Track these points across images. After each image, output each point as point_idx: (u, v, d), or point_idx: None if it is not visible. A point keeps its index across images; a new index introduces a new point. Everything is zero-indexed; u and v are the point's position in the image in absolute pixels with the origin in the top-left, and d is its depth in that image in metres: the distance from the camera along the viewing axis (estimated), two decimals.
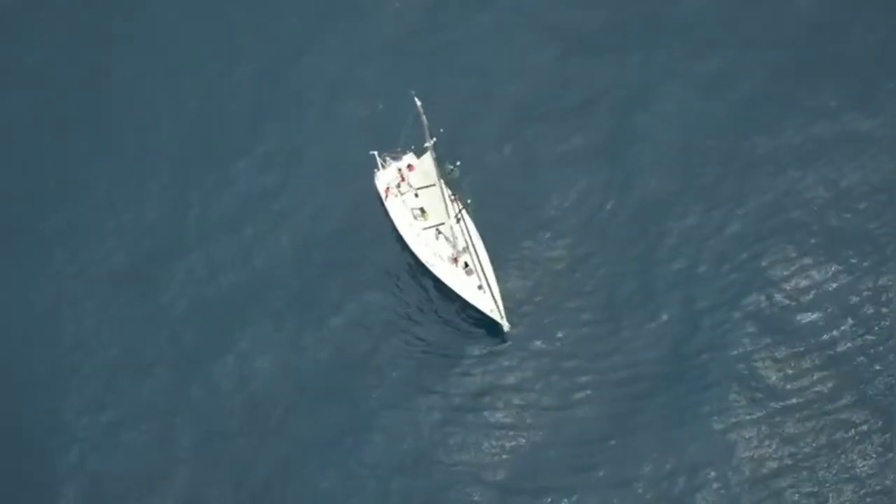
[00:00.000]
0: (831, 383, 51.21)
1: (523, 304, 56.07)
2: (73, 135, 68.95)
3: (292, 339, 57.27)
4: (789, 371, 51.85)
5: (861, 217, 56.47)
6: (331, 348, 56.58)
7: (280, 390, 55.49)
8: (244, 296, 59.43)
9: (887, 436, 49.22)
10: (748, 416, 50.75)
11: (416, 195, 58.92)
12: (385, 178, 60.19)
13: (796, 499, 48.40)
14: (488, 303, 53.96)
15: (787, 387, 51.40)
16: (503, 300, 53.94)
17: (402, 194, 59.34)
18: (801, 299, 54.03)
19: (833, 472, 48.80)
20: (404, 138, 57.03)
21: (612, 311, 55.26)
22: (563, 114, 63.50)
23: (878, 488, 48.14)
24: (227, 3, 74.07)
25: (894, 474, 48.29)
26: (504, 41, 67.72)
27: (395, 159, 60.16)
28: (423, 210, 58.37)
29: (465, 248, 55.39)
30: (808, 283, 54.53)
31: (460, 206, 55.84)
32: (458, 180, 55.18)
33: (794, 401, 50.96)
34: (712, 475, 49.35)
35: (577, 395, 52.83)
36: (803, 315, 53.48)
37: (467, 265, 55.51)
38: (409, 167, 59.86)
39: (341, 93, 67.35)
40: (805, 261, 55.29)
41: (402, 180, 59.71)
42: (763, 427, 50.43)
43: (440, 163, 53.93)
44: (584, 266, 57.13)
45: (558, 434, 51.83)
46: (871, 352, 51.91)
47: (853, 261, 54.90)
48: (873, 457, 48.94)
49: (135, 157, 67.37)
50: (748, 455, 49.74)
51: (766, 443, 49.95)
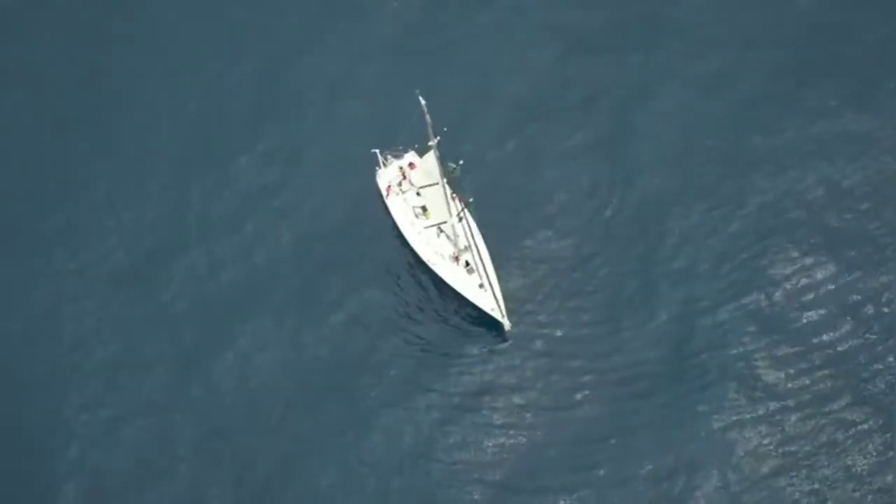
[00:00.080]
0: (831, 382, 51.23)
1: (524, 303, 56.04)
2: (73, 135, 68.92)
3: (292, 337, 57.24)
4: (789, 370, 51.89)
5: (861, 217, 56.53)
6: (331, 346, 56.57)
7: (280, 388, 55.49)
8: (244, 294, 59.42)
9: (888, 435, 49.25)
10: (748, 416, 50.75)
11: (418, 194, 58.93)
12: (386, 176, 60.18)
13: (796, 498, 48.42)
14: (489, 301, 53.95)
15: (787, 386, 51.43)
16: (504, 299, 53.93)
17: (403, 192, 59.35)
18: (801, 299, 54.06)
19: (833, 471, 48.81)
20: (406, 137, 57.06)
21: (613, 311, 55.27)
22: (564, 113, 63.61)
23: (878, 487, 48.17)
24: (227, 3, 74.12)
25: (894, 473, 48.27)
26: (504, 40, 67.80)
27: (397, 157, 60.19)
28: (424, 208, 58.34)
29: (467, 247, 55.42)
30: (808, 282, 54.58)
31: (462, 204, 55.92)
32: (460, 179, 55.19)
33: (793, 400, 50.99)
34: (712, 474, 49.34)
35: (578, 395, 52.81)
36: (803, 314, 53.52)
37: (468, 264, 55.49)
38: (411, 165, 59.83)
39: (341, 92, 67.38)
40: (805, 260, 55.34)
41: (404, 178, 59.69)
42: (763, 426, 50.43)
43: (443, 162, 53.96)
44: (585, 265, 57.15)
45: (558, 433, 51.82)
46: (870, 351, 51.96)
47: (853, 260, 54.97)
48: (873, 456, 48.94)
49: (135, 157, 67.33)
50: (748, 454, 49.74)
51: (766, 442, 49.95)
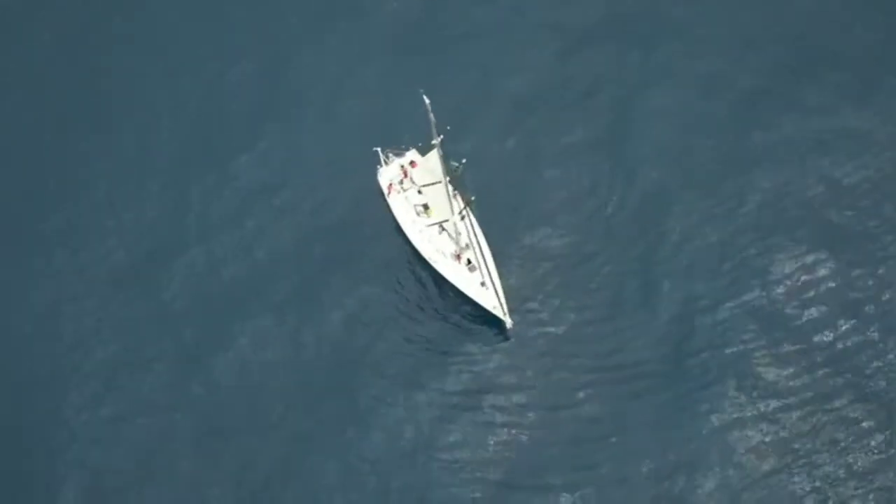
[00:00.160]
0: (831, 380, 51.26)
1: (525, 301, 56.07)
2: (73, 135, 68.95)
3: (293, 335, 57.28)
4: (789, 368, 51.92)
5: (861, 214, 56.61)
6: (331, 344, 56.58)
7: (280, 386, 55.54)
8: (244, 292, 59.49)
9: (888, 432, 49.31)
10: (749, 413, 50.81)
11: (420, 192, 59.00)
12: (388, 174, 60.29)
13: (797, 495, 48.46)
14: (491, 299, 54.00)
15: (788, 384, 51.46)
16: (505, 297, 53.94)
17: (404, 190, 59.43)
18: (801, 297, 54.09)
19: (834, 468, 48.84)
20: (407, 135, 57.07)
21: (614, 309, 55.34)
22: (564, 111, 63.73)
23: (879, 485, 48.20)
24: (227, 3, 74.16)
25: (895, 471, 48.14)
26: (504, 39, 67.90)
27: (398, 156, 60.29)
28: (426, 206, 58.44)
29: (468, 245, 55.49)
30: (808, 280, 54.63)
31: (464, 203, 56.01)
32: (462, 177, 55.21)
33: (794, 398, 51.03)
34: (713, 472, 49.41)
35: (579, 393, 52.86)
36: (803, 312, 53.56)
37: (470, 262, 55.56)
38: (412, 163, 59.92)
39: (342, 91, 67.53)
40: (806, 258, 55.38)
41: (405, 177, 59.79)
42: (763, 424, 50.46)
43: (445, 160, 54.03)
44: (586, 263, 57.21)
45: (559, 431, 51.87)
46: (871, 349, 52.03)
47: (853, 258, 55.03)
48: (874, 453, 48.99)
49: (135, 156, 67.40)
50: (749, 452, 49.78)
51: (767, 440, 49.98)
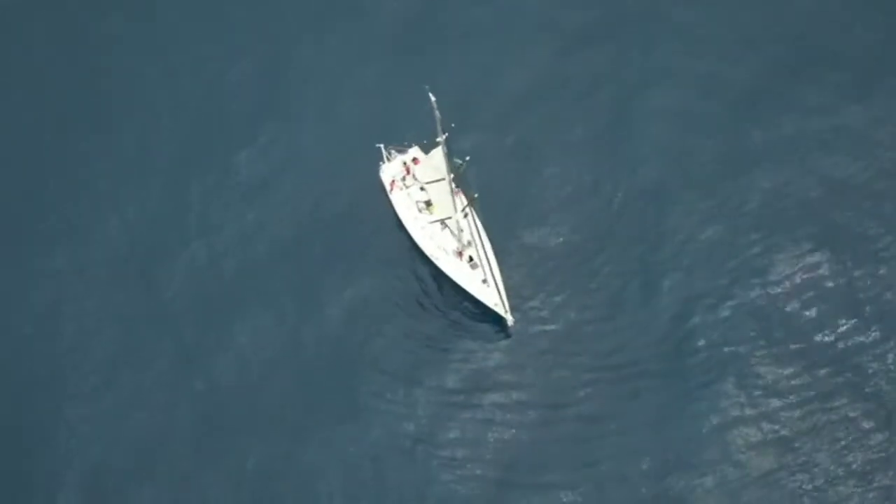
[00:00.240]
0: (831, 380, 51.22)
1: (527, 299, 56.08)
2: (73, 135, 68.98)
3: (293, 331, 57.31)
4: (789, 368, 51.89)
5: (862, 215, 56.66)
6: (332, 340, 56.56)
7: (280, 382, 55.53)
8: (244, 289, 59.53)
9: (888, 432, 49.22)
10: (748, 412, 50.78)
11: (422, 188, 59.10)
12: (390, 171, 60.39)
13: (797, 494, 48.36)
14: (493, 297, 54.05)
15: (787, 383, 51.44)
16: (506, 294, 54.00)
17: (407, 187, 59.54)
18: (801, 296, 54.10)
19: (833, 468, 48.75)
20: (407, 132, 57.21)
21: (614, 308, 55.34)
22: (564, 109, 63.97)
23: (878, 484, 48.10)
24: (227, 3, 74.20)
25: (894, 471, 48.12)
26: (504, 37, 68.07)
27: (401, 152, 60.44)
28: (428, 203, 58.55)
29: (470, 242, 55.61)
30: (808, 279, 54.65)
31: (467, 200, 56.06)
32: (466, 175, 55.21)
33: (793, 397, 51.00)
34: (712, 471, 49.32)
35: (578, 391, 52.82)
36: (803, 312, 53.57)
37: (472, 259, 55.65)
38: (415, 160, 60.08)
39: (342, 88, 67.73)
40: (806, 257, 55.41)
41: (408, 173, 59.92)
42: (763, 423, 50.43)
43: (449, 157, 54.13)
44: (586, 261, 57.26)
45: (558, 429, 51.82)
46: (871, 348, 51.99)
47: (853, 257, 55.07)
48: (874, 453, 48.90)
49: (135, 156, 67.47)
50: (748, 451, 49.70)
51: (766, 439, 49.94)
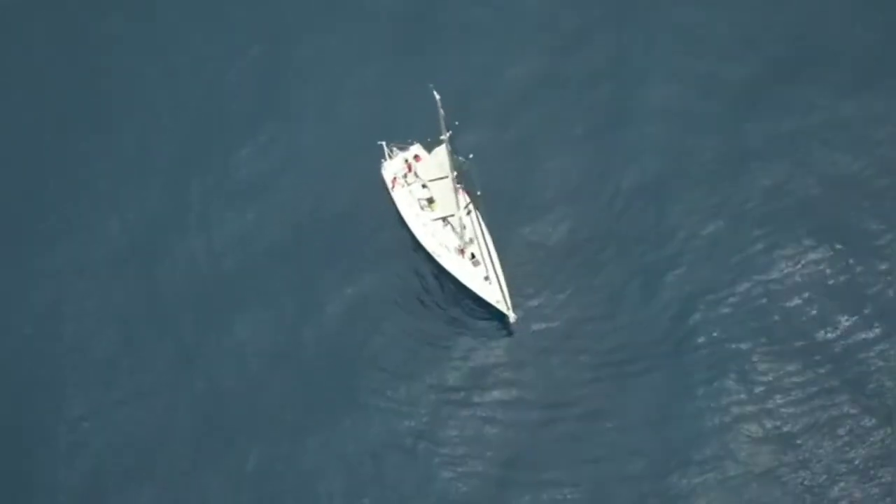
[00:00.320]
0: (832, 377, 51.36)
1: (527, 296, 56.08)
2: (73, 135, 68.85)
3: (294, 329, 57.34)
4: (790, 365, 52.02)
5: (863, 213, 56.88)
6: (331, 338, 56.59)
7: (280, 379, 55.56)
8: (245, 287, 59.56)
9: (888, 429, 49.31)
10: (749, 410, 50.90)
11: (424, 186, 59.21)
12: (392, 168, 60.51)
13: (797, 492, 48.47)
14: (495, 294, 54.13)
15: (789, 380, 51.55)
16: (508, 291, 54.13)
17: (408, 185, 59.63)
18: (802, 293, 54.28)
19: (834, 465, 48.85)
20: (409, 129, 57.22)
21: (616, 305, 55.50)
22: (564, 106, 64.18)
23: (879, 481, 48.21)
24: (227, 3, 74.23)
25: (894, 468, 48.08)
26: (503, 34, 68.20)
27: (403, 150, 60.60)
28: (430, 200, 58.69)
29: (472, 239, 55.72)
30: (809, 276, 54.88)
31: (469, 198, 56.17)
32: (469, 172, 55.27)
33: (794, 394, 51.11)
34: (713, 468, 49.41)
35: (579, 389, 52.95)
36: (804, 309, 53.72)
37: (474, 256, 55.78)
38: (416, 157, 60.25)
39: (342, 87, 67.78)
40: (807, 255, 55.63)
41: (409, 171, 60.04)
42: (764, 420, 50.54)
43: (453, 155, 54.19)
44: (588, 259, 57.42)
45: (559, 427, 51.90)
46: (872, 345, 52.12)
47: (855, 255, 55.26)
48: (875, 450, 49.02)
49: (135, 156, 67.33)
50: (749, 448, 49.81)
51: (767, 436, 50.05)
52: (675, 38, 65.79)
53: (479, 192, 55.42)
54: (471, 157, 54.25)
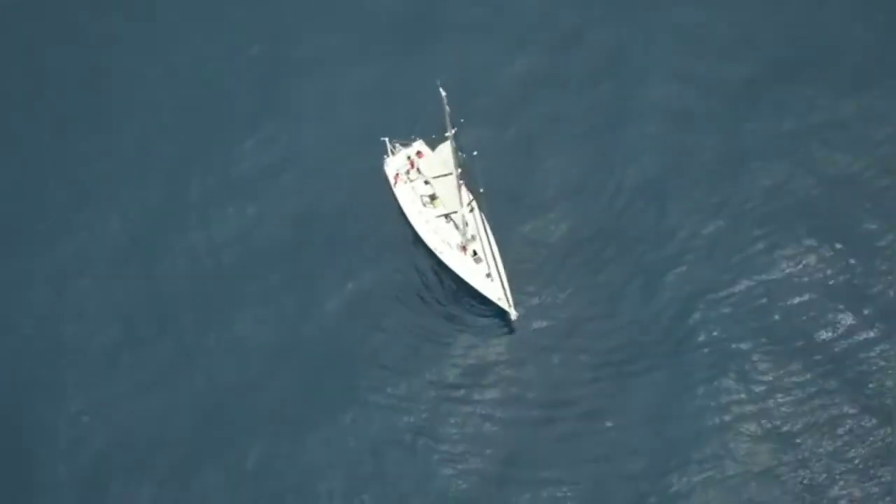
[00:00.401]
0: (832, 377, 51.17)
1: (528, 294, 56.02)
2: (73, 135, 68.85)
3: (294, 325, 57.11)
4: (790, 364, 51.82)
5: (863, 212, 56.80)
6: (331, 332, 56.40)
7: (280, 376, 55.27)
8: (245, 284, 59.28)
9: (888, 429, 49.16)
10: (748, 409, 50.66)
11: (426, 182, 59.27)
12: (394, 164, 60.55)
13: (797, 491, 48.19)
14: (496, 291, 54.09)
15: (788, 380, 51.35)
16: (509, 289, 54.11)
17: (411, 181, 59.66)
18: (802, 293, 54.14)
19: (834, 465, 48.61)
20: (409, 126, 57.24)
21: (617, 304, 55.36)
22: (565, 106, 64.22)
23: (878, 480, 48.00)
24: (228, 3, 74.29)
25: (894, 466, 48.04)
26: (503, 33, 68.21)
27: (405, 146, 60.65)
28: (432, 197, 58.74)
29: (474, 236, 55.80)
30: (808, 276, 54.75)
31: (472, 195, 56.20)
32: (472, 170, 55.28)
33: (794, 394, 50.92)
34: (711, 467, 49.12)
35: (580, 388, 52.72)
36: (804, 308, 53.57)
37: (476, 253, 55.78)
38: (419, 154, 60.27)
39: (343, 86, 67.80)
40: (807, 255, 55.52)
41: (412, 167, 60.09)
42: (764, 420, 50.31)
43: (457, 152, 54.22)
44: (589, 258, 57.35)
45: (559, 425, 51.65)
46: (872, 345, 51.94)
47: (855, 255, 55.16)
48: (873, 450, 48.78)
49: (135, 156, 67.26)
50: (748, 447, 49.54)
51: (767, 435, 49.79)
52: (675, 37, 66.10)
53: (481, 190, 55.48)
54: (475, 154, 54.34)
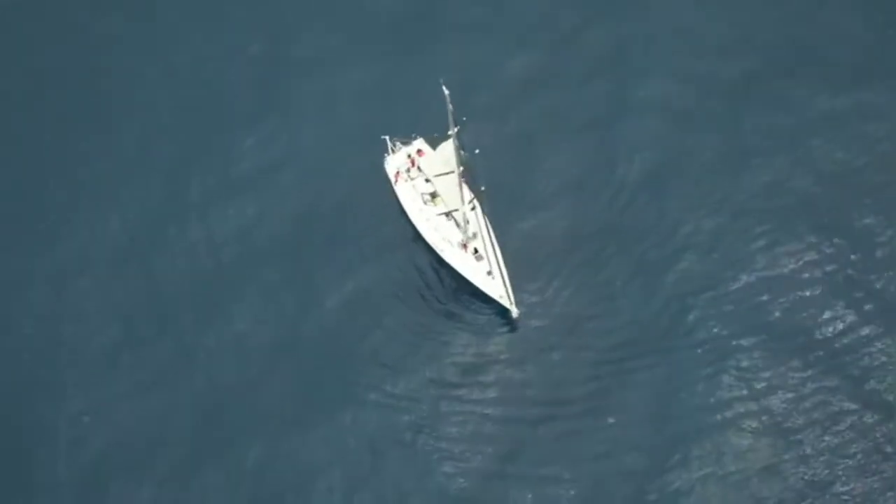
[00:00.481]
0: (832, 373, 51.11)
1: (530, 292, 56.02)
2: (73, 135, 68.90)
3: (294, 324, 57.03)
4: (790, 361, 51.73)
5: (864, 210, 56.76)
6: (330, 330, 56.33)
7: (280, 374, 55.17)
8: (245, 282, 59.27)
9: (889, 426, 49.10)
10: (748, 407, 50.55)
11: (427, 180, 59.27)
12: (395, 162, 60.60)
13: (797, 487, 48.04)
14: (498, 289, 54.06)
15: (788, 377, 51.28)
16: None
17: (411, 179, 59.71)
18: (802, 290, 54.11)
19: (835, 461, 48.53)
20: (410, 123, 57.26)
21: (617, 302, 55.32)
22: (565, 106, 64.27)
23: (878, 478, 47.90)
24: (228, 3, 74.34)
25: (895, 465, 48.06)
26: (503, 31, 68.21)
27: (406, 144, 60.69)
28: (433, 195, 58.76)
29: (476, 235, 55.80)
30: (808, 274, 54.70)
31: (473, 193, 56.19)
32: (474, 168, 55.23)
33: (794, 391, 50.83)
34: (711, 465, 49.02)
35: (580, 386, 52.64)
36: (804, 305, 53.52)
37: (477, 251, 55.81)
38: (419, 152, 60.31)
39: (343, 85, 67.85)
40: (807, 252, 55.49)
41: (412, 165, 60.13)
42: (763, 417, 50.21)
43: (459, 151, 54.25)
44: (590, 255, 57.32)
45: (559, 423, 51.55)
46: (872, 343, 51.86)
47: (855, 253, 55.15)
48: (874, 446, 48.73)
49: (135, 156, 67.32)
50: (749, 444, 49.47)
51: (767, 432, 49.74)
52: (674, 35, 66.22)
53: (482, 188, 55.50)
54: (477, 152, 54.33)
